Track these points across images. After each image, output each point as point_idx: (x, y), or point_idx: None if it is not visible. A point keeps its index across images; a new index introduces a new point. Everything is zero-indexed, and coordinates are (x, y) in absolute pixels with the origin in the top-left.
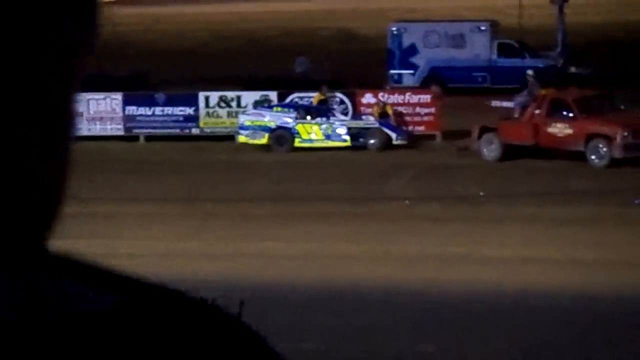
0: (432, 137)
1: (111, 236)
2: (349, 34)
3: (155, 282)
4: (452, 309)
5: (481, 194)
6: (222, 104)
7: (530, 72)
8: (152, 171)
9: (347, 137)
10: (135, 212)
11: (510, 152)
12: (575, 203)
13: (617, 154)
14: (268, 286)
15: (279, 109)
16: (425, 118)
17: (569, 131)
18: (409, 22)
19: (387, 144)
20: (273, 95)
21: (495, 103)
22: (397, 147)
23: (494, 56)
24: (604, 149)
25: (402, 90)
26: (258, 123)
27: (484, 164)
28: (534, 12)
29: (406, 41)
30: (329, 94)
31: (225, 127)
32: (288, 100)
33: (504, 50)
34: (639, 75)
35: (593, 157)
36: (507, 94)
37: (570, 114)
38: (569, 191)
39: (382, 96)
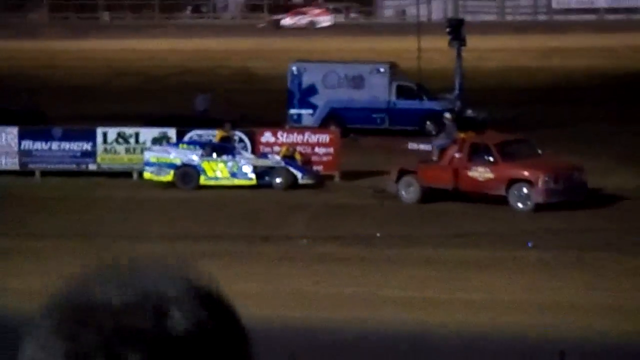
0: (330, 177)
1: (2, 272)
2: (248, 73)
3: None
4: (346, 348)
5: (378, 234)
6: (120, 140)
7: (447, 115)
8: (49, 207)
9: (253, 176)
10: (31, 248)
11: (429, 196)
12: (472, 246)
13: (540, 199)
14: None
15: (185, 145)
16: (324, 158)
17: (490, 175)
18: (309, 62)
19: (292, 183)
20: (172, 132)
21: (412, 145)
22: (301, 186)
23: (393, 98)
24: (526, 194)
25: (301, 130)
26: (163, 160)
27: (385, 206)
28: (433, 56)
29: (306, 81)
30: (231, 132)
31: (123, 164)
32: (187, 137)
33: (403, 92)
34: (535, 119)
35: (516, 202)
36: (418, 137)
37: (491, 158)
38: (467, 233)
39: (282, 135)
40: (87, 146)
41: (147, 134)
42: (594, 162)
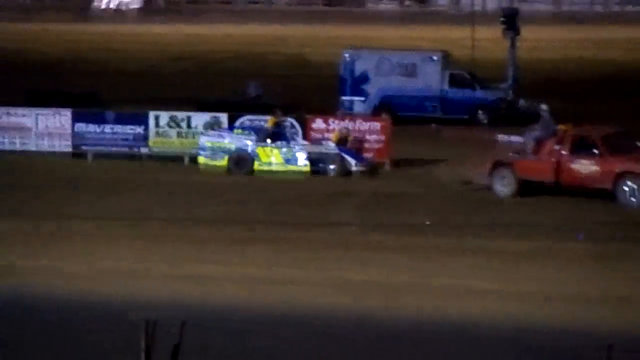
0: (381, 164)
1: (56, 255)
2: (300, 60)
3: None
4: (395, 338)
5: (427, 223)
6: (172, 124)
7: (544, 106)
8: (100, 189)
9: (307, 162)
10: (81, 231)
11: (526, 188)
12: (526, 238)
13: None
14: (211, 309)
15: (240, 131)
16: (376, 145)
17: (596, 169)
18: (361, 50)
19: (346, 170)
20: (224, 118)
21: (503, 137)
22: (354, 173)
23: (445, 87)
24: (636, 188)
25: (353, 117)
26: (218, 145)
27: (434, 194)
28: (486, 45)
29: (358, 68)
30: (282, 118)
31: (175, 148)
32: (238, 123)
33: (455, 81)
34: (588, 113)
35: (625, 196)
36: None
37: (596, 151)
38: (523, 224)
39: (333, 122)
40: (139, 130)
41: (199, 118)
42: None
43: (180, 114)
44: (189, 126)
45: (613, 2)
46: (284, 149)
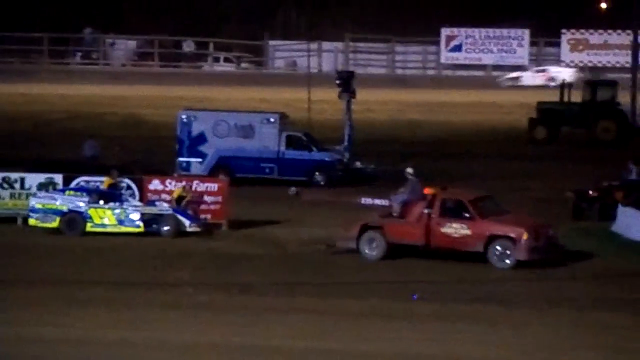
0: (218, 225)
1: None
2: (137, 120)
3: None
4: None
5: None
6: (5, 185)
7: (410, 170)
8: None
9: (141, 223)
10: None
11: (394, 252)
12: (362, 297)
13: (522, 256)
14: None
15: (72, 192)
16: (212, 206)
17: (467, 232)
18: (198, 111)
19: (180, 230)
20: (58, 178)
21: (366, 201)
22: (188, 234)
23: (282, 148)
24: (506, 251)
25: (190, 178)
26: (49, 206)
27: (271, 255)
28: (323, 107)
29: (195, 129)
30: (118, 179)
31: (8, 209)
32: (74, 184)
33: (292, 142)
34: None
35: (496, 259)
36: (368, 191)
37: (466, 215)
38: (353, 283)
39: (170, 183)
40: None
41: (33, 179)
42: None
43: (14, 175)
44: (22, 187)
45: (443, 66)
46: (117, 210)
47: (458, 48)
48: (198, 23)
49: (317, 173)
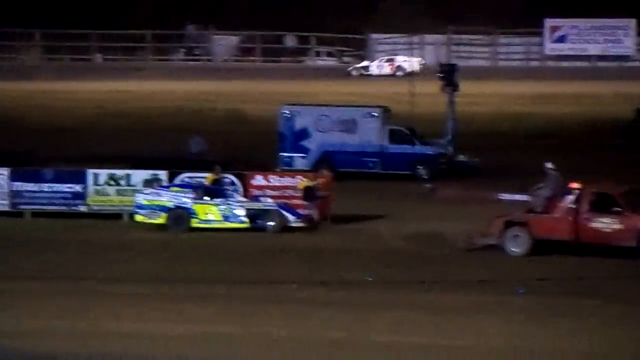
0: (322, 220)
1: None
2: (239, 115)
3: None
4: None
5: (369, 279)
6: (111, 182)
7: (549, 164)
8: (38, 248)
9: (246, 219)
10: (18, 289)
11: (540, 247)
12: (459, 292)
13: None
14: None
15: (177, 188)
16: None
17: (619, 226)
18: (301, 106)
19: (285, 226)
20: (163, 175)
21: (505, 196)
22: (293, 229)
23: (385, 142)
24: None
25: (293, 173)
26: (155, 202)
27: (374, 250)
28: (425, 100)
29: (298, 124)
30: (221, 175)
31: (114, 205)
32: (178, 180)
33: (395, 136)
34: (524, 166)
35: None
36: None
37: (617, 209)
38: (454, 279)
39: (273, 178)
40: (77, 188)
41: (138, 176)
42: None
43: (120, 172)
44: (128, 183)
45: (547, 57)
46: (222, 206)
47: (562, 39)
48: (299, 17)
49: (420, 167)
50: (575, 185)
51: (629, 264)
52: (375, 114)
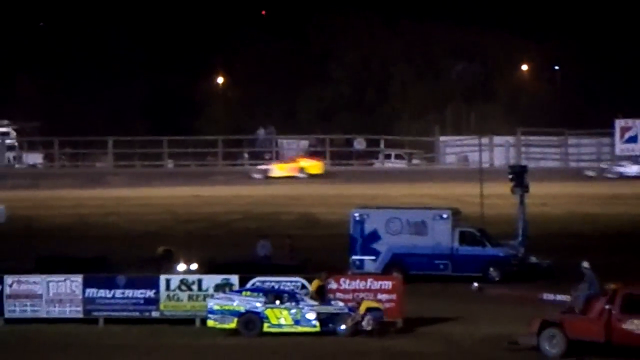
0: (393, 323)
1: None
2: (310, 219)
3: None
4: None
5: None
6: (183, 287)
7: (586, 264)
8: (112, 356)
9: (317, 323)
10: None
11: (574, 349)
12: None
13: None
14: None
15: (248, 293)
16: (387, 304)
17: None
18: (371, 208)
19: (357, 329)
20: (234, 279)
21: (548, 297)
22: (364, 333)
23: (456, 244)
24: None
25: (364, 276)
26: (227, 307)
27: (448, 353)
28: (495, 202)
29: (368, 227)
30: (327, 281)
31: (186, 311)
32: (250, 284)
33: (465, 238)
34: (599, 268)
35: None
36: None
37: None
38: None
39: (344, 281)
40: (150, 293)
41: (210, 280)
42: None
43: (191, 277)
44: (199, 288)
45: (618, 157)
46: (293, 310)
47: (634, 139)
48: (369, 120)
49: (491, 269)
50: (610, 285)
51: None
52: (445, 216)
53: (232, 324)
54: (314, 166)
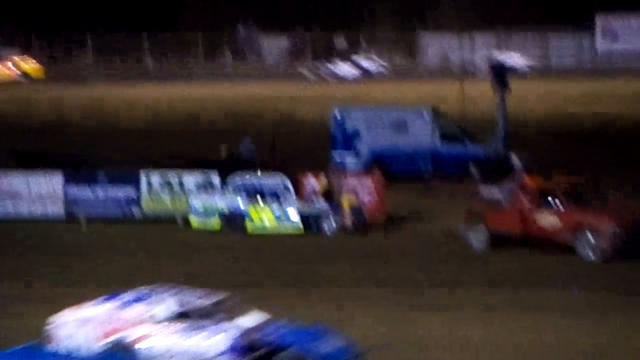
0: (374, 221)
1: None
2: (292, 119)
3: None
4: None
5: (425, 282)
6: (165, 187)
7: (514, 156)
8: (93, 254)
9: (299, 221)
10: (74, 295)
11: (497, 241)
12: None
13: (607, 247)
14: None
15: (231, 192)
16: (368, 203)
17: (558, 222)
18: (352, 108)
19: (340, 228)
20: (216, 178)
21: (484, 191)
22: (347, 231)
23: (436, 142)
24: (594, 243)
25: (345, 175)
26: (210, 206)
27: (429, 249)
28: (476, 100)
29: (349, 126)
30: (329, 183)
31: (168, 210)
32: (231, 183)
33: (446, 137)
34: (579, 165)
35: (583, 250)
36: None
37: (559, 204)
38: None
39: (325, 179)
40: (131, 193)
41: (191, 180)
42: None
43: (172, 175)
44: (181, 188)
45: (599, 56)
46: (276, 207)
47: (615, 36)
48: (350, 18)
49: (472, 167)
50: (527, 180)
51: None
52: (426, 115)
53: (215, 223)
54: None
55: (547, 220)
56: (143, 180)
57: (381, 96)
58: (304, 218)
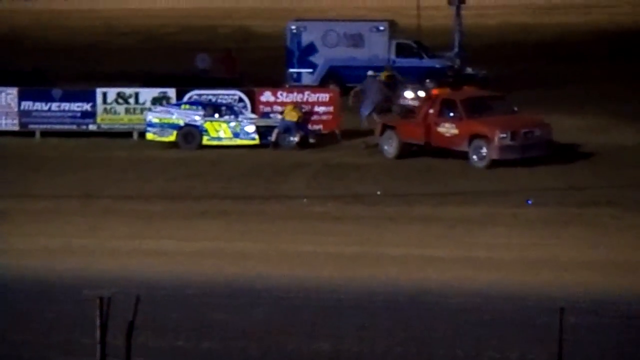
0: (329, 135)
1: (4, 233)
2: (247, 32)
3: None
4: (347, 307)
5: (378, 193)
6: (120, 101)
7: (370, 72)
8: (49, 167)
9: (256, 135)
10: (31, 209)
11: (410, 151)
12: (470, 204)
13: (494, 154)
14: (164, 283)
15: (187, 106)
16: (324, 117)
17: (455, 131)
18: (307, 21)
19: (301, 141)
20: (172, 92)
21: (404, 100)
22: (300, 145)
23: (392, 56)
24: (484, 150)
25: (301, 89)
26: (166, 120)
27: (382, 164)
28: (432, 13)
29: (305, 40)
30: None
31: (123, 124)
32: (187, 97)
33: (402, 50)
34: (533, 77)
35: (474, 157)
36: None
37: (457, 114)
38: (463, 192)
39: (282, 94)
40: (87, 106)
41: (147, 94)
42: (596, 120)
43: (128, 90)
44: (137, 102)
45: None
46: (232, 123)
47: None
48: None
49: (427, 80)
50: (434, 91)
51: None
52: (382, 28)
53: (171, 137)
54: None
55: (448, 130)
56: (99, 94)
57: (339, 7)
58: (260, 133)
